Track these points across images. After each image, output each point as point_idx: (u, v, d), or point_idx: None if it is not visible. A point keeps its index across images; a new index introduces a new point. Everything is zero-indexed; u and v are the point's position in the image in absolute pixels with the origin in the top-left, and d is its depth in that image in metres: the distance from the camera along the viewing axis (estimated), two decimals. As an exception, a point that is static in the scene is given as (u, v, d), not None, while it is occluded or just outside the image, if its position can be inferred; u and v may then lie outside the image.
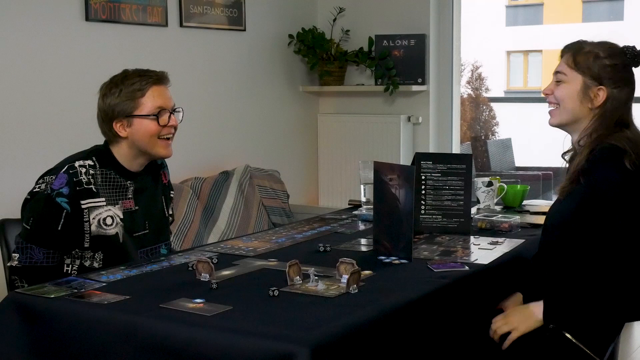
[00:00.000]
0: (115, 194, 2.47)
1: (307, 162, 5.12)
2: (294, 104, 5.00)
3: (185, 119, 2.59)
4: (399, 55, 4.79)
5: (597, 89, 2.20)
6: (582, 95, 2.21)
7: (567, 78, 2.23)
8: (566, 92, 2.23)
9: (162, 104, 2.46)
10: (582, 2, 17.99)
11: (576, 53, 2.23)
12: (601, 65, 2.19)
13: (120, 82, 2.46)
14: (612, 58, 2.20)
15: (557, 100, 2.25)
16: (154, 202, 2.61)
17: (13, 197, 2.97)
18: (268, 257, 2.40)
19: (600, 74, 2.19)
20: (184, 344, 1.75)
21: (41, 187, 2.39)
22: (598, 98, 2.20)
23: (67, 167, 2.40)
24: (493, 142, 10.63)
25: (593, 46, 2.23)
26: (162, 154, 2.51)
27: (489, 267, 2.30)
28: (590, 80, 2.20)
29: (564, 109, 2.24)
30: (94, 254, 2.43)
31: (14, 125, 3.44)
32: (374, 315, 1.85)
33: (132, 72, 2.48)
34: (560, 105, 2.25)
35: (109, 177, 2.46)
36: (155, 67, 2.58)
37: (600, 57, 2.20)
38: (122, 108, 2.44)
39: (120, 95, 2.43)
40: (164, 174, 2.68)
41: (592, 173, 2.12)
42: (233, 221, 4.14)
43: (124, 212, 2.47)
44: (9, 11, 3.39)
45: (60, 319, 1.96)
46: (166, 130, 2.47)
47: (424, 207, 2.75)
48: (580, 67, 2.21)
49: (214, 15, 4.35)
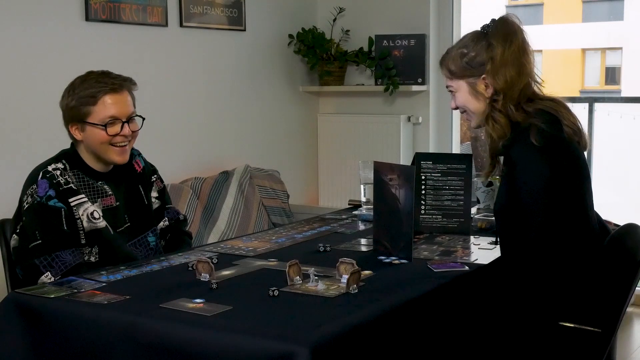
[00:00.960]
0: (92, 193, 2.47)
1: (307, 162, 5.12)
2: (294, 104, 5.00)
3: (186, 119, 2.59)
4: (399, 55, 4.79)
5: (482, 80, 2.21)
6: (475, 94, 2.24)
7: (454, 87, 2.30)
8: (461, 99, 2.28)
9: (114, 113, 2.43)
10: (582, 2, 18.01)
11: (446, 63, 2.29)
12: (470, 59, 2.22)
13: (78, 85, 2.45)
14: (475, 46, 2.22)
15: (462, 107, 2.31)
16: (133, 194, 2.60)
17: (13, 197, 2.97)
18: (268, 257, 2.40)
19: (474, 67, 2.22)
20: (184, 344, 1.75)
21: (28, 200, 2.39)
22: (488, 88, 2.22)
23: (42, 173, 2.40)
24: (493, 142, 10.61)
25: (457, 47, 2.28)
26: (115, 160, 2.48)
27: (488, 267, 2.30)
28: (471, 78, 2.23)
29: (472, 112, 2.29)
30: (91, 249, 2.44)
31: (14, 125, 3.43)
32: (374, 315, 1.86)
33: (92, 76, 2.46)
34: (467, 110, 2.30)
35: (81, 178, 2.47)
36: (155, 67, 2.58)
37: (465, 53, 2.24)
38: (76, 113, 2.43)
39: (74, 99, 2.43)
40: (136, 163, 2.65)
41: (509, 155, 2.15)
42: (233, 221, 4.14)
43: (103, 210, 2.47)
44: (9, 11, 3.39)
45: (60, 319, 1.96)
46: (118, 139, 2.44)
47: (424, 207, 2.75)
48: (455, 74, 2.26)
49: (214, 15, 4.35)
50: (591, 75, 18.74)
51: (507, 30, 2.21)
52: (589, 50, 18.59)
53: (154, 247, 2.61)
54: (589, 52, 18.65)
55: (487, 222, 2.79)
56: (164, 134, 4.03)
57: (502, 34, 2.20)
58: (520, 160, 2.13)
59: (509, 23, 2.23)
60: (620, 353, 2.11)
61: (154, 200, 2.71)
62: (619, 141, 8.54)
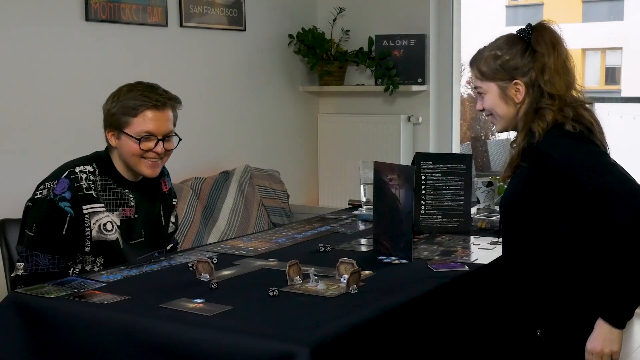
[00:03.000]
0: (115, 201, 2.46)
1: (307, 162, 5.12)
2: (294, 104, 5.00)
3: (186, 119, 2.59)
4: (399, 55, 4.79)
5: (513, 85, 2.18)
6: (505, 97, 2.20)
7: (484, 89, 2.24)
8: (490, 102, 2.23)
9: (151, 129, 2.41)
10: (582, 2, 18.01)
11: (478, 63, 2.24)
12: (503, 62, 2.18)
13: (124, 93, 2.43)
14: (510, 49, 2.18)
15: (488, 110, 2.26)
16: (152, 211, 2.59)
17: (13, 197, 2.97)
18: (268, 257, 2.40)
19: (507, 71, 2.18)
20: (184, 344, 1.75)
21: (42, 192, 2.37)
22: (519, 93, 2.18)
23: (68, 172, 2.39)
24: (493, 142, 10.64)
25: (490, 48, 2.23)
26: (146, 173, 2.47)
27: (489, 267, 2.30)
28: (502, 82, 2.19)
29: (498, 116, 2.24)
30: (95, 258, 2.42)
31: (14, 125, 3.43)
32: (374, 315, 1.86)
33: (140, 88, 2.44)
34: (493, 113, 2.25)
35: (108, 184, 2.45)
36: (155, 67, 2.58)
37: (498, 55, 2.19)
38: (115, 120, 2.42)
39: (117, 106, 2.42)
40: (164, 183, 2.66)
41: (537, 149, 2.10)
42: (233, 221, 4.14)
43: (121, 220, 2.46)
44: (9, 11, 3.39)
45: (60, 319, 1.96)
46: (150, 154, 2.43)
47: (424, 207, 2.75)
48: (487, 75, 2.21)
49: (214, 15, 4.35)
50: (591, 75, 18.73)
51: (554, 38, 2.18)
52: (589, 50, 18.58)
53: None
54: (589, 52, 18.64)
55: (487, 222, 2.79)
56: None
57: (549, 41, 2.17)
58: (553, 146, 2.07)
59: (553, 30, 2.20)
60: (620, 353, 2.11)
61: (171, 224, 2.72)
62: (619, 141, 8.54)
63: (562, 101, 2.16)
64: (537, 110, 2.16)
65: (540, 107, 2.15)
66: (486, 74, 2.21)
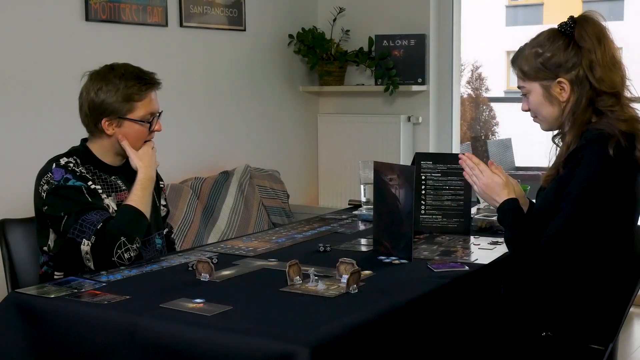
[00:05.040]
0: (107, 187, 2.46)
1: (307, 162, 5.12)
2: (294, 104, 5.00)
3: (186, 119, 2.60)
4: (399, 55, 4.79)
5: (557, 83, 2.10)
6: (549, 98, 2.12)
7: (527, 89, 2.16)
8: (534, 102, 2.16)
9: (155, 109, 2.45)
10: (582, 2, 17.98)
11: (519, 62, 2.15)
12: (545, 60, 2.09)
13: (118, 80, 2.40)
14: (551, 45, 2.09)
15: (533, 112, 2.20)
16: None
17: (13, 197, 2.98)
18: (268, 257, 2.40)
19: (549, 69, 2.09)
20: (184, 344, 1.75)
21: (45, 187, 2.37)
22: (564, 91, 2.10)
23: (54, 164, 2.39)
24: (493, 142, 10.64)
25: (531, 45, 2.14)
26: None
27: (489, 267, 2.30)
28: (545, 80, 2.11)
29: (543, 117, 2.17)
30: None
31: (14, 125, 3.43)
32: (374, 315, 1.85)
33: (130, 72, 2.43)
34: (538, 115, 2.19)
35: (94, 173, 2.45)
36: (155, 67, 2.57)
37: (539, 53, 2.11)
38: (116, 108, 2.40)
39: (116, 94, 2.39)
40: None
41: (579, 160, 2.05)
42: (233, 221, 4.14)
43: (118, 204, 2.45)
44: (9, 11, 3.39)
45: (60, 319, 1.95)
46: (151, 135, 2.47)
47: (424, 207, 2.75)
48: (529, 75, 2.13)
49: (214, 15, 4.35)
50: (591, 75, 18.72)
51: (599, 31, 2.08)
52: (589, 50, 18.57)
53: (160, 249, 2.61)
54: (589, 52, 18.63)
55: (487, 222, 2.79)
56: (164, 133, 3.99)
57: (593, 35, 2.07)
58: (588, 158, 2.02)
59: (596, 22, 2.10)
60: (620, 353, 2.11)
61: (162, 207, 2.72)
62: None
63: (622, 98, 2.07)
64: (595, 110, 2.07)
65: (600, 108, 2.06)
66: (528, 73, 2.13)
